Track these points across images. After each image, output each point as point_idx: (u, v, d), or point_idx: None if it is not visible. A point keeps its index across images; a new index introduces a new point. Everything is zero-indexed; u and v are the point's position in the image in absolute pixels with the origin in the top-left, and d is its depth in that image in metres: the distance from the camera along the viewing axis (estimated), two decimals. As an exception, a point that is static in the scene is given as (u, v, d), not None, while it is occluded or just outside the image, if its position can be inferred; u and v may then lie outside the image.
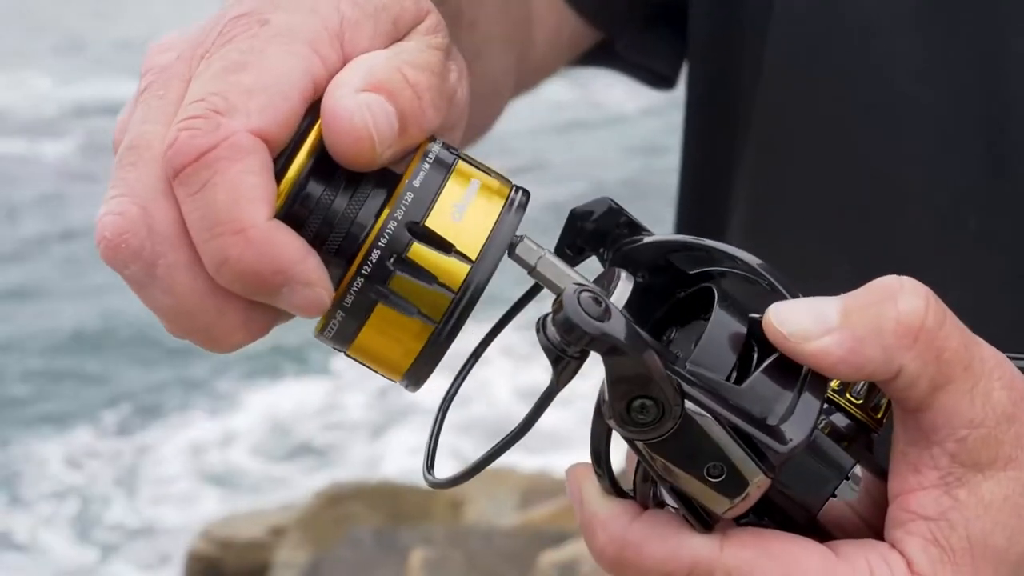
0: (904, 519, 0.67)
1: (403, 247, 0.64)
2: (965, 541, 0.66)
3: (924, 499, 0.67)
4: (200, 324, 0.65)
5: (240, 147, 0.63)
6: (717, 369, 0.65)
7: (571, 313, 0.60)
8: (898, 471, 0.68)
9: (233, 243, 0.62)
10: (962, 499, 0.67)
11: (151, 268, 0.64)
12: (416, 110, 0.66)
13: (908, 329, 0.65)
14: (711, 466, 0.64)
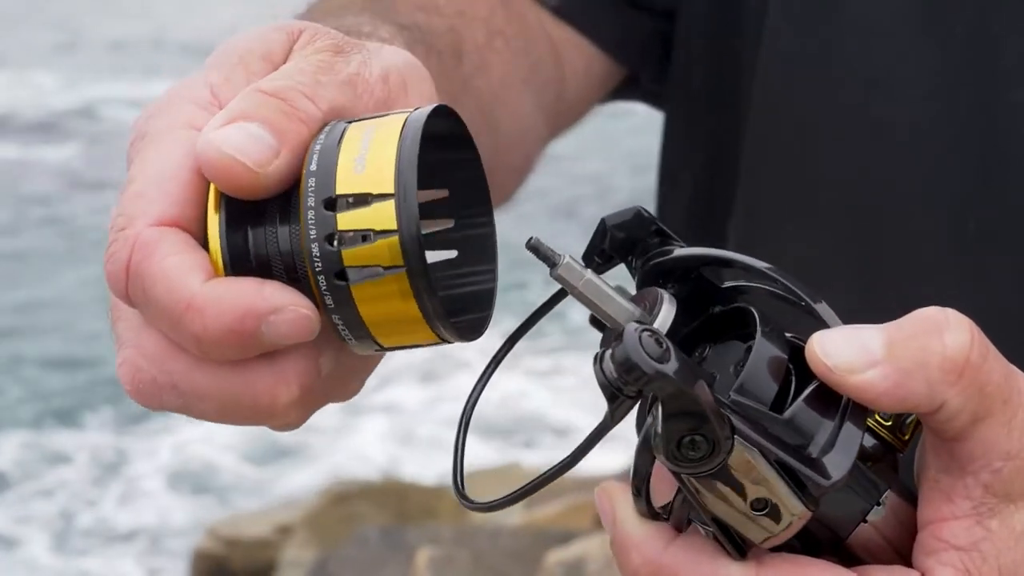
0: (936, 547, 0.68)
1: (332, 226, 0.64)
2: (996, 572, 0.67)
3: (956, 528, 0.67)
4: (248, 406, 0.67)
5: (147, 243, 0.65)
6: (760, 398, 0.65)
7: (632, 354, 0.60)
8: (930, 498, 0.68)
9: (190, 319, 0.64)
10: (994, 530, 0.67)
11: (173, 389, 0.67)
12: (285, 114, 0.66)
13: (954, 364, 0.65)
14: (756, 500, 0.64)
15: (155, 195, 0.66)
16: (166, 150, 0.67)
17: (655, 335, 0.61)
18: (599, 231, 0.70)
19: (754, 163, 1.09)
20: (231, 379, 0.66)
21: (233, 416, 0.68)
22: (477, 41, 1.04)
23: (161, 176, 0.66)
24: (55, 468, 7.38)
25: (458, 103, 0.96)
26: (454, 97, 0.96)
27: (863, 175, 1.03)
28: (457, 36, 1.01)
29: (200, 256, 0.65)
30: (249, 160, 0.65)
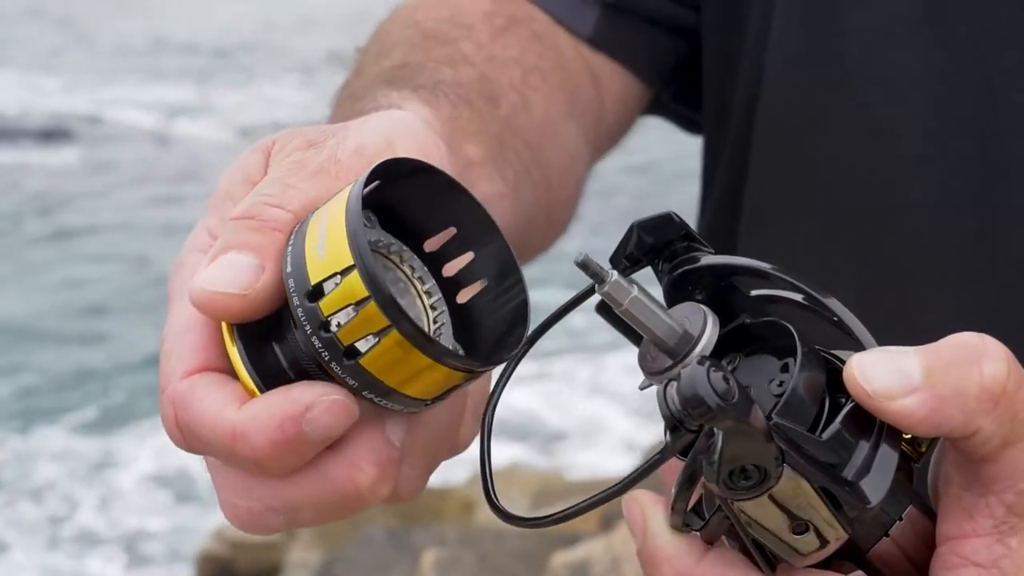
0: (955, 563, 0.68)
1: (320, 315, 0.67)
2: None
3: (977, 546, 0.68)
4: (336, 500, 0.70)
5: (182, 396, 0.69)
6: (800, 421, 0.66)
7: (701, 391, 0.60)
8: (951, 514, 0.69)
9: (240, 447, 0.68)
10: (1013, 548, 0.68)
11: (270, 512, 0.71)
12: (257, 230, 0.70)
13: (990, 394, 0.66)
14: (797, 524, 0.66)
15: (180, 351, 0.70)
16: (182, 305, 0.72)
17: (722, 371, 0.61)
18: (629, 234, 0.71)
19: (760, 166, 1.09)
20: (310, 484, 0.70)
21: (332, 513, 0.71)
22: (513, 81, 1.06)
23: (182, 331, 0.71)
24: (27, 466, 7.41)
25: (504, 143, 0.99)
26: (499, 139, 0.99)
27: (866, 176, 1.03)
28: (490, 81, 1.03)
29: (230, 388, 0.69)
30: (234, 288, 0.68)
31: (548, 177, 1.05)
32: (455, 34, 1.08)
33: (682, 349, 0.66)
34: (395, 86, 0.95)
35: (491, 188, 0.95)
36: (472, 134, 0.96)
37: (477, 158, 0.95)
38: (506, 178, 0.97)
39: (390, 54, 1.05)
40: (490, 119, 1.00)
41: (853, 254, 1.04)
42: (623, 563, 4.23)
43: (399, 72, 1.00)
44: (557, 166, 1.06)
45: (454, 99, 0.97)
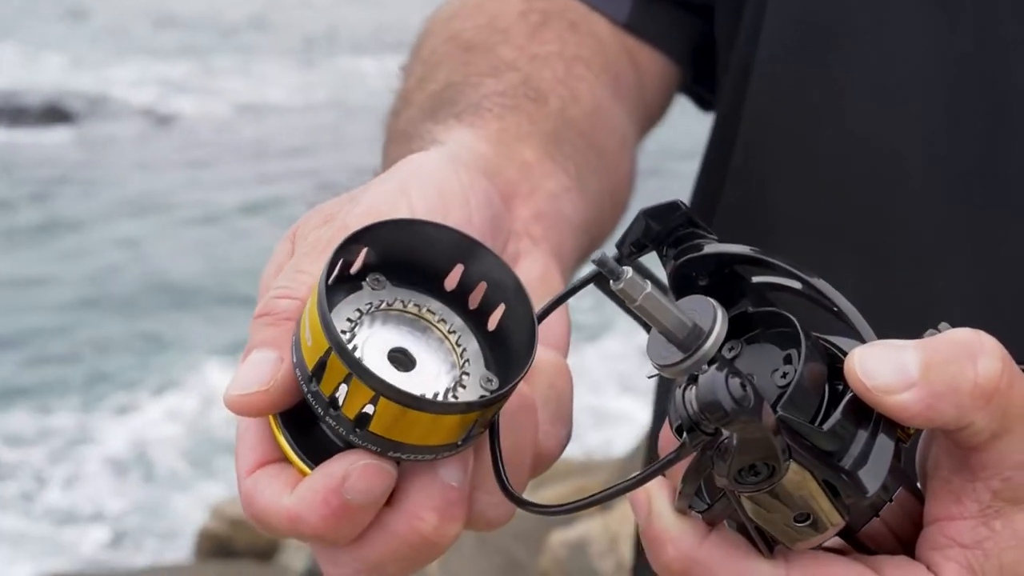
0: (942, 543, 0.71)
1: (324, 397, 0.71)
2: (997, 569, 0.71)
3: (963, 527, 0.71)
4: (410, 552, 0.74)
5: (246, 494, 0.75)
6: (804, 413, 0.68)
7: (720, 398, 0.63)
8: (939, 496, 0.72)
9: (302, 529, 0.73)
10: (998, 530, 0.71)
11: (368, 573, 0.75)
12: (272, 325, 0.75)
13: (984, 391, 0.68)
14: (799, 514, 0.69)
15: (242, 451, 0.76)
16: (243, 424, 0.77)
17: (740, 378, 0.64)
18: (636, 221, 0.74)
19: (753, 135, 1.09)
20: (379, 542, 0.74)
21: (413, 563, 0.75)
22: (557, 75, 1.08)
23: (242, 432, 0.76)
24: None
25: (560, 139, 1.01)
26: (554, 135, 1.01)
27: (867, 143, 1.04)
28: (535, 80, 1.05)
29: (284, 476, 0.74)
30: (253, 387, 0.73)
31: (606, 162, 1.06)
32: (494, 40, 1.10)
33: (693, 343, 0.69)
34: (437, 118, 0.98)
35: (556, 184, 0.97)
36: (525, 137, 0.98)
37: (535, 159, 0.97)
38: (568, 172, 0.99)
39: (434, 76, 1.07)
40: (541, 118, 1.02)
41: (853, 225, 1.04)
42: (621, 542, 4.25)
43: (443, 96, 1.03)
44: (612, 150, 1.08)
45: (499, 111, 0.99)
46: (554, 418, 0.79)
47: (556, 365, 0.81)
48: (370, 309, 0.74)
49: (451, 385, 0.74)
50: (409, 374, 0.73)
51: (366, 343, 0.73)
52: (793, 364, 0.69)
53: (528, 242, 0.90)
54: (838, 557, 0.71)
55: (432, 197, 0.80)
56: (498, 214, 0.86)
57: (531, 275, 0.87)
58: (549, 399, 0.79)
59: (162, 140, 13.20)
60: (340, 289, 0.74)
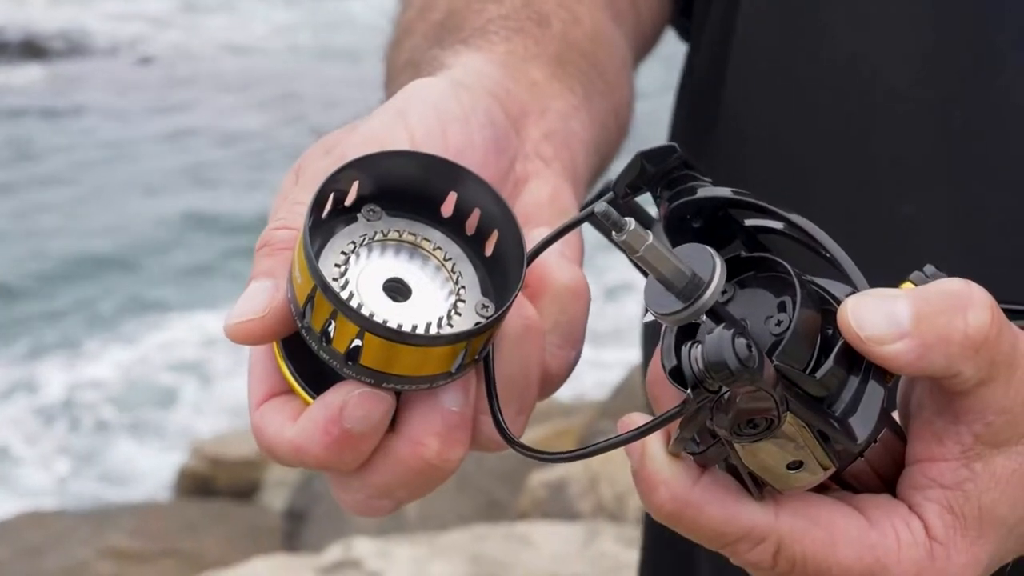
0: (923, 484, 0.73)
1: (314, 331, 0.72)
2: (976, 510, 0.73)
3: (944, 469, 0.73)
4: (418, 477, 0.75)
5: (257, 427, 0.76)
6: (799, 361, 0.70)
7: (727, 358, 0.65)
8: (921, 436, 0.74)
9: (308, 459, 0.74)
10: (977, 472, 0.73)
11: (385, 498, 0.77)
12: (269, 255, 0.76)
13: (973, 342, 0.70)
14: (792, 461, 0.70)
15: (251, 385, 0.77)
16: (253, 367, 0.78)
17: (746, 339, 0.65)
18: (633, 163, 0.75)
19: (741, 61, 1.10)
20: (385, 467, 0.74)
21: (421, 487, 0.76)
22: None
23: (251, 367, 0.77)
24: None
25: (564, 60, 1.00)
26: (558, 56, 1.00)
27: (849, 70, 1.04)
28: (536, 4, 1.04)
29: (289, 408, 0.75)
30: (250, 314, 0.73)
31: (609, 84, 1.06)
32: None
33: (692, 293, 0.69)
34: (444, 44, 0.97)
35: (565, 104, 0.96)
36: (532, 59, 0.97)
37: (543, 79, 0.96)
38: (575, 91, 0.98)
39: (435, 5, 1.06)
40: (545, 40, 1.01)
41: (838, 148, 1.05)
42: (600, 482, 4.27)
43: (447, 24, 1.02)
44: (613, 71, 1.07)
45: (505, 33, 0.99)
46: (563, 341, 0.79)
47: (570, 287, 0.79)
48: (365, 240, 0.75)
49: (445, 313, 0.74)
50: (404, 304, 0.74)
51: (361, 275, 0.74)
52: (787, 312, 0.71)
53: (539, 163, 0.89)
54: (825, 499, 0.73)
55: (430, 120, 0.81)
56: (503, 134, 0.86)
57: (540, 196, 0.87)
58: (559, 323, 0.78)
59: (140, 79, 13.11)
60: (336, 221, 0.75)
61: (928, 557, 0.73)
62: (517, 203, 0.85)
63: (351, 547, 3.72)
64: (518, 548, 3.66)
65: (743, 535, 0.72)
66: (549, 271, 0.78)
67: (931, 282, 0.72)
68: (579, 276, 0.80)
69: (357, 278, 0.73)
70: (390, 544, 3.74)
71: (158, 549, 5.06)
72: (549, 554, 3.66)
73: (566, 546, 3.69)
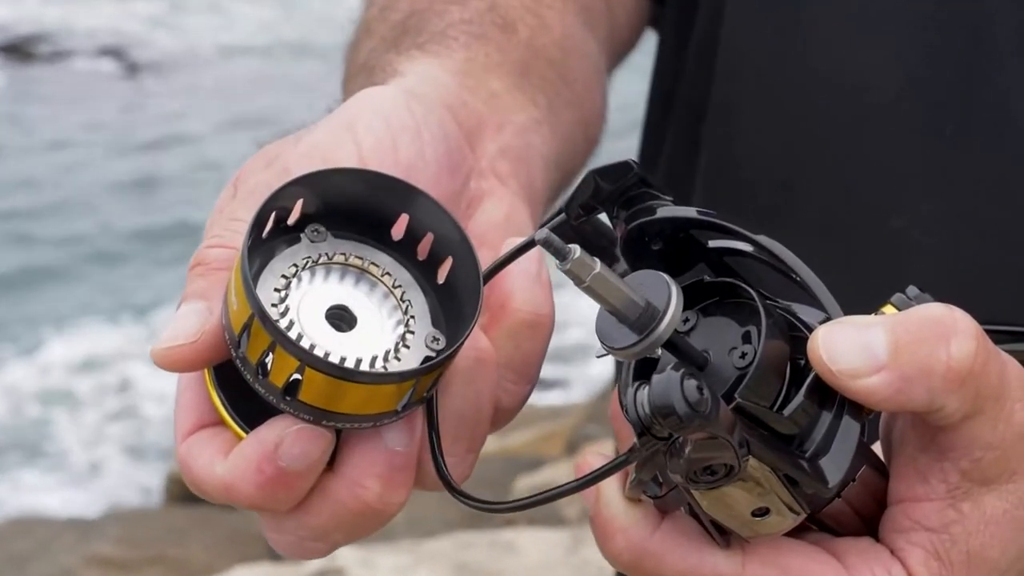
0: (907, 526, 0.68)
1: (250, 363, 0.68)
2: (964, 555, 0.67)
3: (929, 510, 0.68)
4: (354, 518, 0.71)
5: (183, 460, 0.72)
6: (764, 398, 0.65)
7: (675, 403, 0.60)
8: (904, 475, 0.69)
9: (236, 498, 0.70)
10: (965, 512, 0.67)
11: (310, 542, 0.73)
12: (203, 275, 0.72)
13: (957, 375, 0.65)
14: (758, 509, 0.65)
15: (179, 413, 0.73)
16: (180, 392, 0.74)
17: (696, 380, 0.60)
18: (585, 182, 0.70)
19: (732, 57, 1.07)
20: (322, 509, 0.71)
21: (360, 530, 0.72)
22: (525, 2, 1.03)
23: (179, 394, 0.73)
24: None
25: (529, 69, 0.97)
26: (523, 65, 0.97)
27: (839, 76, 1.01)
28: (501, 8, 1.00)
29: (219, 441, 0.71)
30: (181, 339, 0.69)
31: (578, 93, 1.02)
32: None
33: (646, 325, 0.64)
34: (400, 48, 0.93)
35: (526, 117, 0.92)
36: (494, 67, 0.93)
37: (503, 89, 0.92)
38: (538, 103, 0.95)
39: (397, 4, 1.02)
40: (510, 47, 0.97)
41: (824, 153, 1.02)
42: (586, 489, 4.25)
43: (407, 25, 0.98)
44: (582, 80, 1.03)
45: (466, 39, 0.94)
46: (517, 376, 0.74)
47: (529, 320, 0.74)
48: (308, 263, 0.70)
49: (393, 346, 0.70)
50: (348, 334, 0.70)
51: (302, 301, 0.69)
52: (753, 344, 0.66)
53: (494, 181, 0.85)
54: (798, 544, 0.68)
55: (380, 131, 0.77)
56: (456, 148, 0.82)
57: (495, 216, 0.82)
58: (514, 357, 0.74)
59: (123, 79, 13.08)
60: (278, 242, 0.70)
61: None
62: (471, 223, 0.81)
63: (334, 556, 3.71)
64: (503, 555, 3.65)
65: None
66: (510, 299, 0.73)
67: (913, 306, 0.67)
68: (542, 304, 0.74)
69: (298, 305, 0.69)
70: (373, 552, 3.73)
71: (144, 556, 5.04)
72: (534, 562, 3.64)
73: (551, 553, 3.67)
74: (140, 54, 13.83)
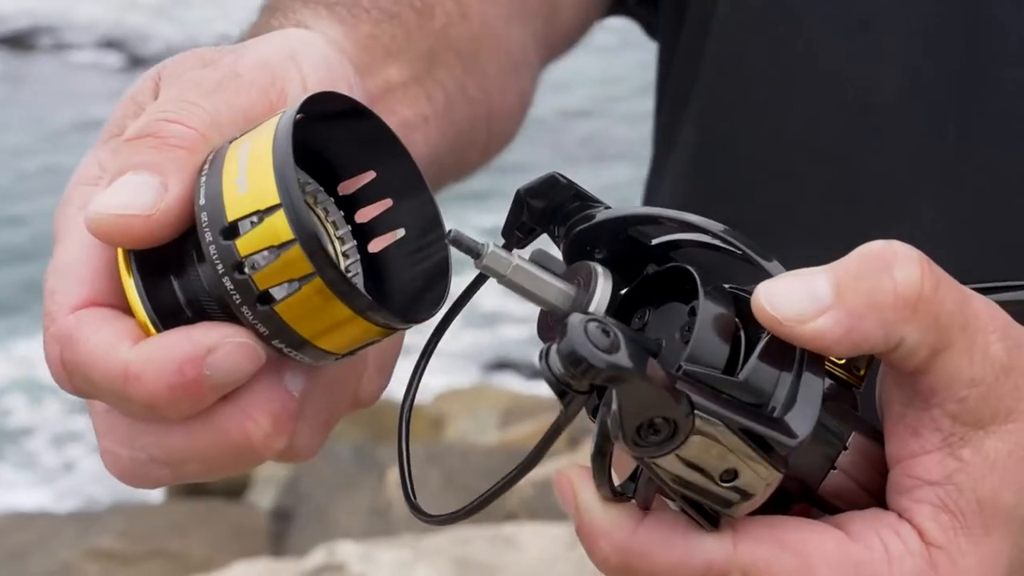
0: (909, 485, 0.65)
1: (235, 255, 0.63)
2: (975, 504, 0.65)
3: (928, 463, 0.65)
4: (227, 453, 0.66)
5: (68, 333, 0.65)
6: (713, 363, 0.62)
7: (580, 349, 0.57)
8: (897, 434, 0.66)
9: (133, 389, 0.64)
10: (967, 459, 0.64)
11: (153, 463, 0.67)
12: (156, 148, 0.65)
13: (906, 301, 0.63)
14: (724, 472, 0.62)
15: (67, 285, 0.66)
16: (70, 238, 0.67)
17: (601, 324, 0.58)
18: (516, 203, 0.68)
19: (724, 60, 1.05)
20: (200, 434, 0.66)
21: (221, 467, 0.67)
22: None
23: (68, 265, 0.66)
24: None
25: (434, 61, 0.93)
26: (429, 56, 0.93)
27: (839, 77, 0.99)
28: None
29: (122, 325, 0.65)
30: (135, 210, 0.64)
31: (487, 89, 0.99)
32: None
33: (576, 311, 0.62)
34: (308, 2, 0.89)
35: (413, 112, 0.90)
36: (396, 54, 0.90)
37: (399, 81, 0.89)
38: (434, 99, 0.92)
39: None
40: (419, 35, 0.94)
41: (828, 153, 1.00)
42: (587, 483, 4.24)
43: None
44: (496, 76, 1.01)
45: (376, 15, 0.91)
46: (377, 372, 0.73)
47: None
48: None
49: None
50: None
51: None
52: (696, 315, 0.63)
53: None
54: (794, 519, 0.65)
55: (322, 72, 0.73)
56: None
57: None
58: (376, 356, 0.72)
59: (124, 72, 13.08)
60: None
61: (928, 566, 0.64)
62: None
63: (334, 551, 3.70)
64: (503, 550, 3.63)
65: (701, 574, 0.63)
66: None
67: None
68: None
69: None
70: (374, 548, 3.72)
71: (144, 550, 5.04)
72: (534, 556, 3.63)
73: (552, 548, 3.66)
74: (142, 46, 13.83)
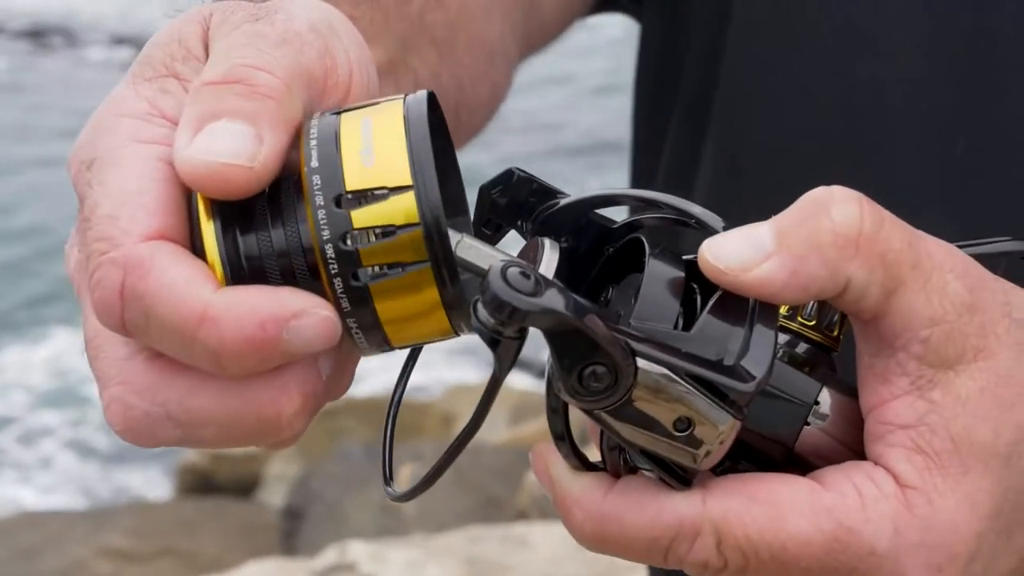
0: (882, 431, 0.65)
1: (346, 225, 0.61)
2: (949, 442, 0.64)
3: (899, 407, 0.64)
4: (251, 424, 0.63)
5: (141, 260, 0.61)
6: (662, 319, 0.63)
7: (500, 291, 0.57)
8: (867, 384, 0.66)
9: (206, 333, 0.60)
10: (937, 400, 0.64)
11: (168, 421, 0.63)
12: (246, 96, 0.63)
13: (847, 239, 0.63)
14: (677, 421, 0.62)
15: (134, 212, 0.61)
16: (127, 168, 0.63)
17: (522, 268, 0.58)
18: (480, 199, 0.69)
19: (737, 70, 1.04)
20: (231, 399, 0.63)
21: (235, 438, 0.64)
22: None
23: (130, 193, 0.62)
24: None
25: (409, 47, 0.92)
26: (404, 42, 0.92)
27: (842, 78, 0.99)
28: None
29: (202, 266, 0.61)
30: (240, 159, 0.61)
31: (460, 77, 0.98)
32: None
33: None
34: None
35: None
36: (373, 37, 0.87)
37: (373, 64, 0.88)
38: (404, 85, 0.90)
39: None
40: (398, 18, 0.93)
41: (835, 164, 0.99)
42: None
43: None
44: (471, 66, 0.99)
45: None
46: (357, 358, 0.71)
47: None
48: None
49: None
50: None
51: None
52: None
53: None
54: (763, 474, 0.65)
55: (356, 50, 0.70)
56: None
57: None
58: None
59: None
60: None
61: (904, 508, 0.64)
62: None
63: (346, 551, 3.70)
64: (514, 550, 3.63)
65: (675, 533, 0.63)
66: None
67: None
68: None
69: None
70: (385, 547, 3.72)
71: (155, 549, 5.05)
72: (545, 556, 3.62)
73: (563, 547, 3.65)
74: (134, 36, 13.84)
